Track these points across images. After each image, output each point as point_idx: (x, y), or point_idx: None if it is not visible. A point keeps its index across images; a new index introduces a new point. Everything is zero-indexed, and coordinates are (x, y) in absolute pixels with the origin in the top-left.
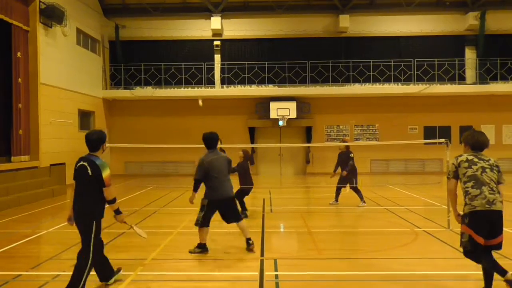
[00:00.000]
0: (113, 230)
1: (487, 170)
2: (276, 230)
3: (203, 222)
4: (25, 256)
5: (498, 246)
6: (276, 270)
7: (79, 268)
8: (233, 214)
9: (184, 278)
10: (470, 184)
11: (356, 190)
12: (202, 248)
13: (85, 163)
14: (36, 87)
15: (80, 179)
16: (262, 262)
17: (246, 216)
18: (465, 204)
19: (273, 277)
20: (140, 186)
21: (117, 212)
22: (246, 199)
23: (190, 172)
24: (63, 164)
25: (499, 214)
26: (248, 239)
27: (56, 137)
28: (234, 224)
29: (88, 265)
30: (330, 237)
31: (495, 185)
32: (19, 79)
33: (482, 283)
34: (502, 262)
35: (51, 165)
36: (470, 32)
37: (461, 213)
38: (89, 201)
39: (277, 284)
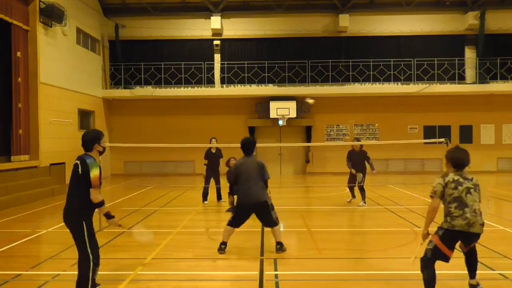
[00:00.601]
0: (113, 230)
1: (471, 190)
2: None
3: (231, 222)
4: (24, 256)
5: (473, 248)
6: (276, 269)
7: (82, 274)
8: (266, 219)
9: (184, 278)
10: (454, 205)
11: (361, 189)
12: (220, 245)
13: (78, 162)
14: (36, 87)
15: (72, 179)
16: (262, 261)
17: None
18: (445, 221)
19: (273, 277)
20: (140, 185)
21: (108, 216)
22: None
23: (189, 172)
24: (63, 163)
25: (477, 236)
26: (277, 243)
27: (56, 137)
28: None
29: (91, 267)
30: (330, 237)
31: (477, 207)
32: (19, 79)
33: (483, 283)
34: (502, 261)
35: (51, 164)
36: (470, 31)
37: (428, 230)
38: (78, 201)
39: (277, 284)
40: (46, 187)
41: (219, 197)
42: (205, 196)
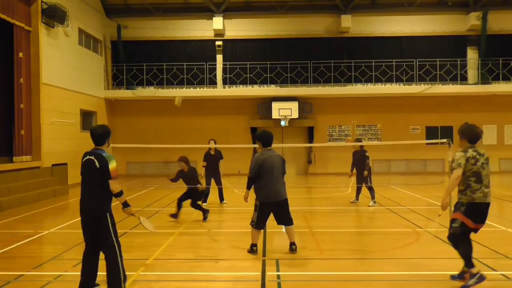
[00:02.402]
0: None
1: (485, 166)
2: (278, 230)
3: (256, 224)
4: (27, 256)
5: (477, 231)
6: (278, 270)
7: (112, 263)
8: (284, 217)
9: (186, 278)
10: (473, 179)
11: (370, 189)
12: (251, 247)
13: (92, 157)
14: (38, 87)
15: (88, 174)
16: (264, 262)
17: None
18: (464, 194)
19: (275, 277)
20: (142, 186)
21: (125, 204)
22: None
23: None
24: (65, 164)
25: (489, 206)
26: (291, 244)
27: (58, 137)
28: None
29: (118, 255)
30: (332, 237)
31: (489, 179)
32: (21, 79)
33: (485, 283)
34: (503, 262)
35: (53, 165)
36: (472, 32)
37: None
38: (99, 195)
39: (279, 284)
40: (48, 187)
41: (221, 198)
42: (205, 197)
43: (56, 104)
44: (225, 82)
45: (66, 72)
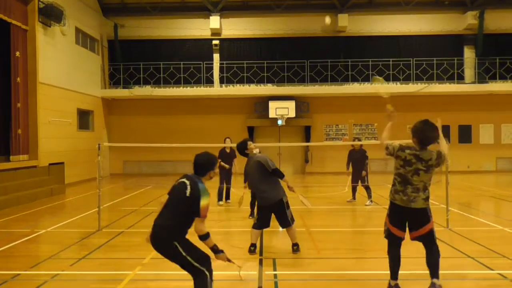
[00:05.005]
0: (112, 230)
1: (421, 172)
2: (275, 229)
3: (255, 224)
4: (23, 256)
5: (427, 236)
6: (275, 269)
7: None
8: (281, 219)
9: (183, 278)
10: (398, 179)
11: (367, 188)
12: (250, 247)
13: (188, 182)
14: (35, 86)
15: (174, 196)
16: (261, 261)
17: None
18: (390, 192)
19: (272, 277)
20: (139, 185)
21: (215, 251)
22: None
23: (188, 172)
24: (62, 163)
25: (419, 211)
26: (293, 245)
27: (55, 137)
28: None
29: (208, 283)
30: (329, 237)
31: (423, 186)
32: (18, 79)
33: (482, 282)
34: (501, 261)
35: (50, 164)
36: (469, 31)
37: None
38: (173, 223)
39: (276, 284)
40: (45, 186)
41: (227, 196)
42: (219, 196)
43: (53, 103)
44: (222, 81)
45: (63, 71)
